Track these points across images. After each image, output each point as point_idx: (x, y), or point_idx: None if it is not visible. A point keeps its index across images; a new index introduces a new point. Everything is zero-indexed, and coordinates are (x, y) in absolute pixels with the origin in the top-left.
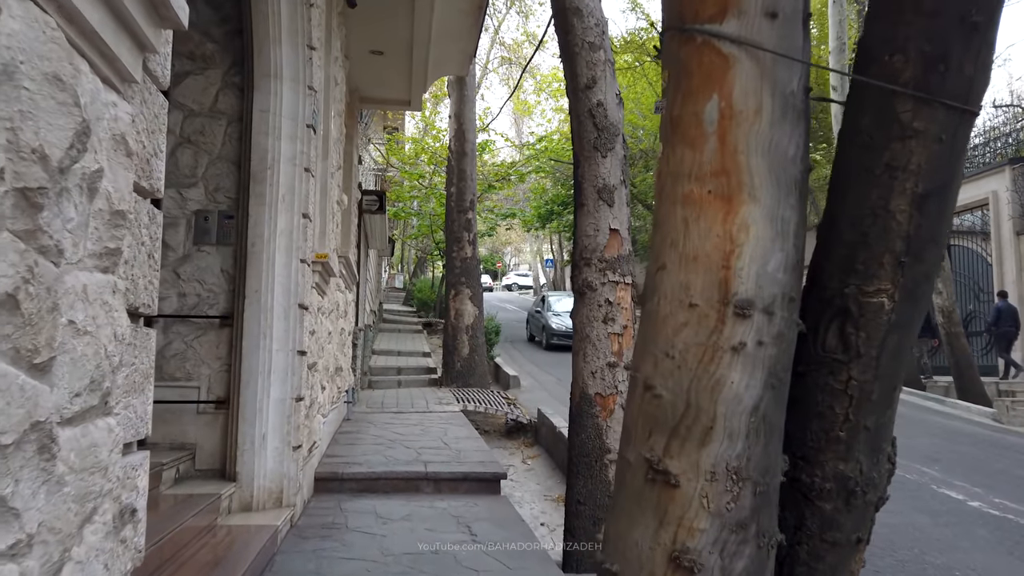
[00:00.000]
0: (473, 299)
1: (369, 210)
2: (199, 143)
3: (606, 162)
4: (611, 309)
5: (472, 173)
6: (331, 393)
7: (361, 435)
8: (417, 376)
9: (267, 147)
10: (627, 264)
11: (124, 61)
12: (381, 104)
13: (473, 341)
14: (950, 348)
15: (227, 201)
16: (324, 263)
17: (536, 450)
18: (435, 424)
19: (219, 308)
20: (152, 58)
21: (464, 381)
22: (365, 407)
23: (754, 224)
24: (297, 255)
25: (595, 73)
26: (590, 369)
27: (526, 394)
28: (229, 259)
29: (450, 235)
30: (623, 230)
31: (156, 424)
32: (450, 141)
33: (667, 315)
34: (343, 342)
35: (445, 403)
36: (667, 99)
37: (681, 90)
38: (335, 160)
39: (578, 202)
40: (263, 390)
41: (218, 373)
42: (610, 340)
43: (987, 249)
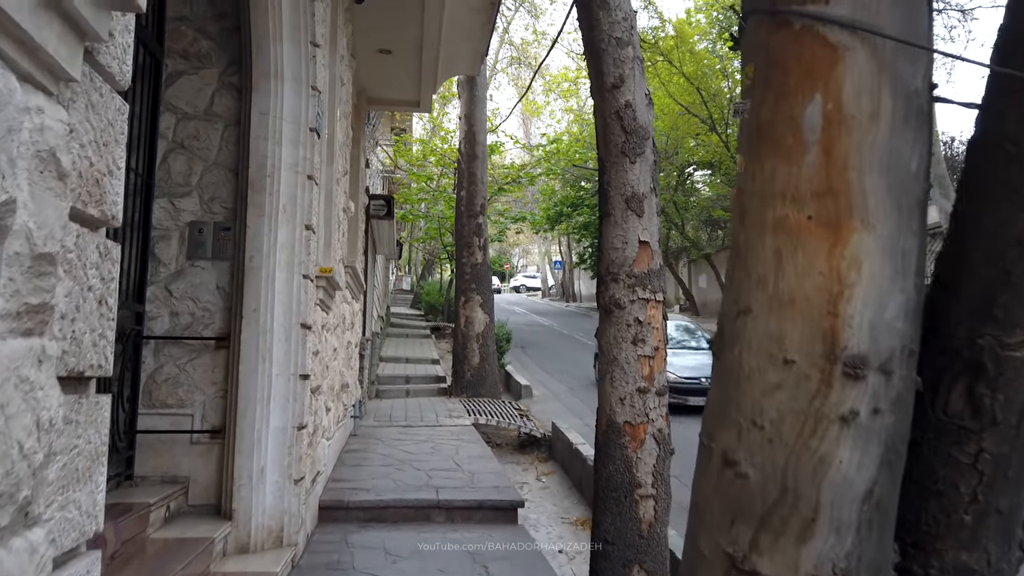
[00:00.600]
0: (484, 306)
1: (377, 215)
2: (193, 149)
3: (635, 168)
4: (641, 329)
5: (483, 176)
6: (336, 413)
7: (368, 454)
8: (426, 385)
9: (267, 153)
10: (658, 280)
11: (53, 52)
12: (389, 105)
13: (484, 350)
14: None
15: (224, 212)
16: (329, 277)
17: (551, 466)
18: (446, 440)
19: (215, 328)
20: (103, 50)
21: (474, 391)
22: (372, 420)
23: (868, 258)
24: (299, 270)
25: (623, 71)
26: (618, 395)
27: (538, 405)
28: (226, 275)
29: (460, 240)
30: (653, 242)
31: (146, 456)
32: (460, 143)
33: (754, 372)
34: (350, 356)
35: (455, 416)
36: (751, 100)
37: (772, 89)
38: (341, 165)
39: (604, 211)
40: (262, 419)
41: (213, 400)
42: (640, 363)
43: None
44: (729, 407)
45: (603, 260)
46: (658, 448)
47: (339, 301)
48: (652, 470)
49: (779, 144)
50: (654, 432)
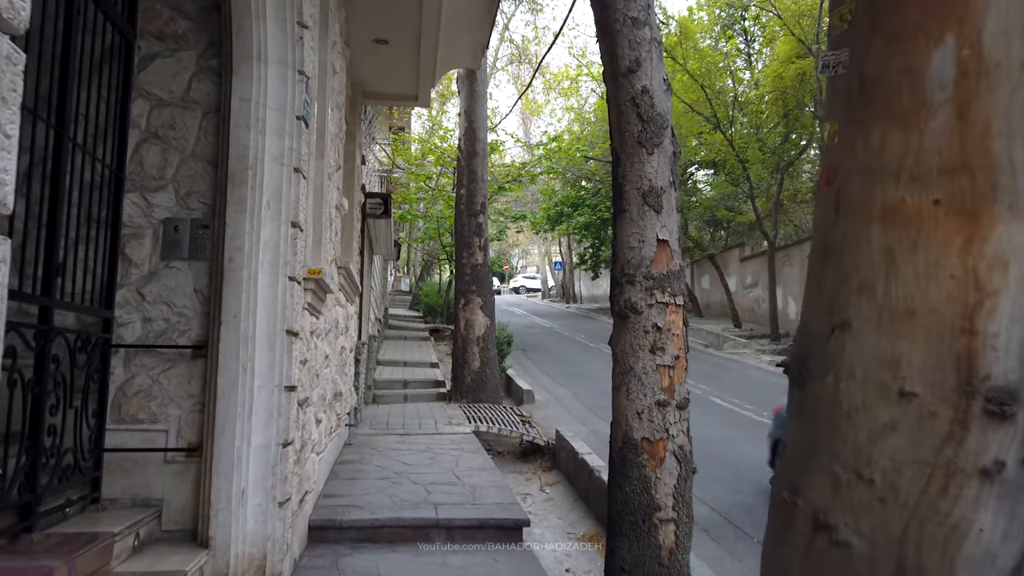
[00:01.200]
0: (484, 308)
1: (373, 214)
2: (168, 138)
3: (652, 160)
4: (660, 336)
5: (483, 174)
6: (329, 424)
7: (363, 465)
8: (424, 390)
9: (248, 143)
10: (678, 281)
11: None
12: (386, 100)
13: (484, 353)
14: None
15: (202, 208)
16: (318, 280)
17: (555, 476)
18: (445, 450)
19: (191, 336)
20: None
21: (474, 396)
22: (369, 428)
23: (1018, 257)
24: (285, 272)
25: (639, 54)
26: (635, 409)
27: (541, 410)
28: (204, 277)
29: (460, 240)
30: (673, 241)
31: (115, 476)
32: (459, 140)
33: (857, 408)
34: (344, 362)
35: (455, 423)
36: (849, 48)
37: (881, 31)
38: (333, 159)
39: (618, 207)
40: (242, 435)
41: (190, 414)
42: (659, 373)
43: None
44: (820, 453)
45: (618, 260)
46: (679, 467)
47: (331, 304)
48: (672, 491)
49: (892, 105)
50: (675, 449)
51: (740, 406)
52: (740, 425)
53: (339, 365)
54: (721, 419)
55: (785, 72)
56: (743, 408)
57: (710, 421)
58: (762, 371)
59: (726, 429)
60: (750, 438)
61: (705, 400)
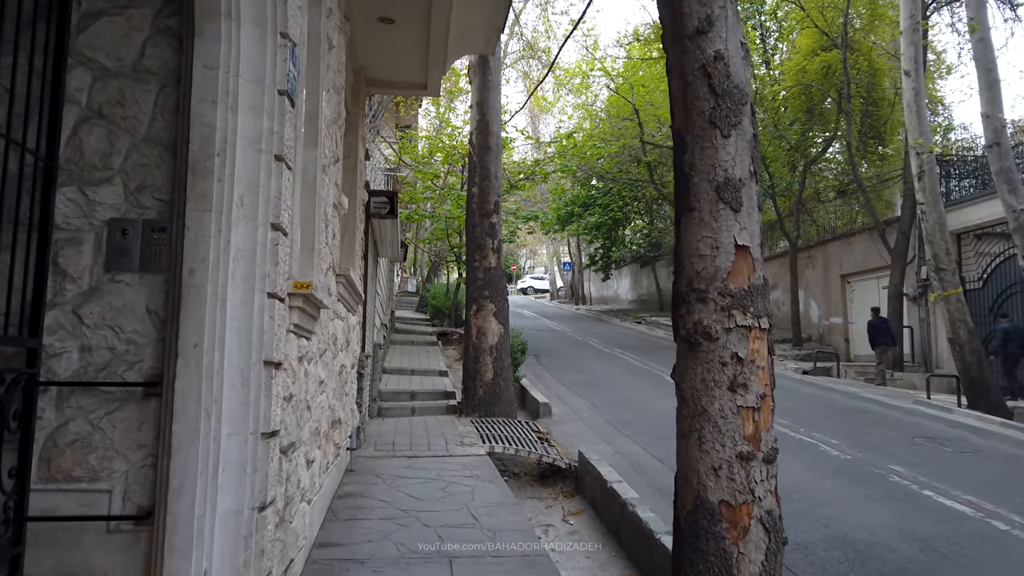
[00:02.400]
0: (498, 315)
1: (378, 214)
2: (116, 118)
3: (729, 144)
4: (741, 369)
5: (496, 171)
6: (325, 460)
7: (366, 500)
8: (433, 402)
9: (215, 122)
10: (762, 299)
11: None
12: (392, 88)
13: (498, 364)
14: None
15: (158, 206)
16: (307, 295)
17: (578, 503)
18: (458, 479)
19: (143, 369)
20: None
21: (487, 409)
22: (373, 450)
23: None
24: (262, 287)
25: (711, 11)
26: (710, 463)
27: (559, 425)
28: (159, 294)
29: (471, 242)
30: (754, 247)
31: (44, 550)
32: (471, 134)
33: None
34: (343, 382)
35: (467, 443)
36: None
37: None
38: (330, 150)
39: (683, 205)
40: (205, 499)
41: (140, 470)
42: (742, 417)
43: None
44: None
45: (683, 272)
46: (767, 538)
47: (325, 321)
48: (760, 570)
49: None
50: (761, 515)
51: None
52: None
53: (338, 387)
54: None
55: (809, 65)
56: (777, 422)
57: None
58: (788, 379)
59: None
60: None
61: None
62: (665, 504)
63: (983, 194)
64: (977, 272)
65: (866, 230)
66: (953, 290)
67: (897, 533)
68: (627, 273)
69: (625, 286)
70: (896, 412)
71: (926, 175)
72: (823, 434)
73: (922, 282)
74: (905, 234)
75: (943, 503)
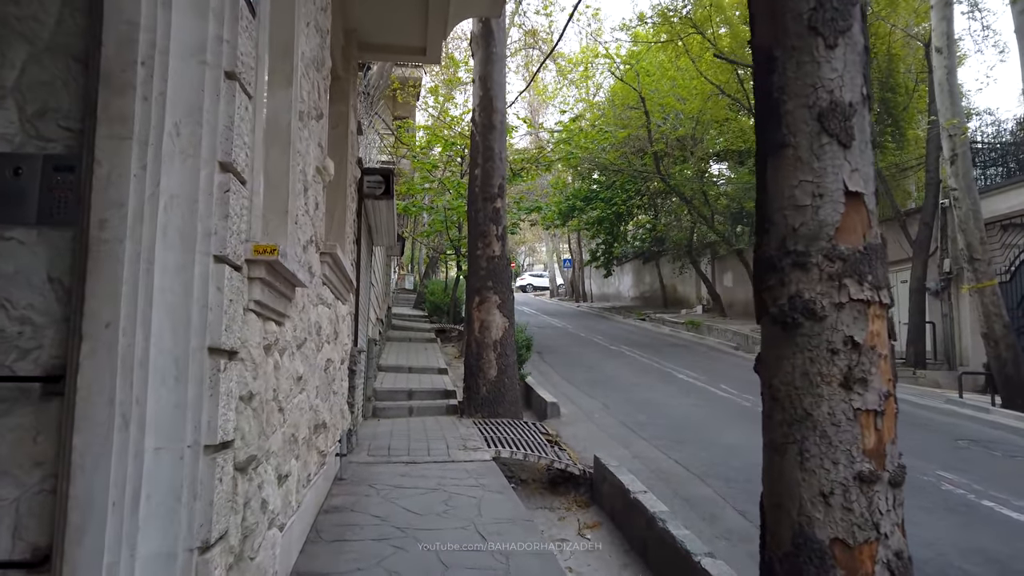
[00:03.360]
0: (502, 308)
1: (372, 194)
2: (8, 20)
3: (835, 57)
4: (858, 359)
5: (501, 151)
6: (305, 472)
7: (356, 516)
8: (432, 401)
9: (138, 18)
10: (882, 265)
11: None
12: (388, 53)
13: (502, 360)
14: None
15: (64, 137)
16: (272, 264)
17: (594, 514)
18: (462, 488)
19: (42, 360)
20: None
21: (491, 410)
22: (366, 455)
23: None
24: (207, 247)
25: None
26: (817, 486)
27: (569, 427)
28: (65, 257)
29: (474, 229)
30: (869, 195)
31: None
32: (473, 111)
33: None
34: (331, 379)
35: (471, 446)
36: None
37: None
38: (309, 95)
39: (771, 141)
40: (120, 539)
41: (36, 496)
42: (859, 424)
43: None
44: None
45: (772, 230)
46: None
47: (305, 305)
48: None
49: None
50: (888, 558)
51: None
52: None
53: (324, 385)
54: None
55: None
56: None
57: None
58: None
59: None
60: None
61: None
62: (697, 518)
63: (1011, 182)
64: (1004, 264)
65: (883, 221)
66: (988, 282)
67: (966, 552)
68: (629, 270)
69: (627, 283)
70: (928, 412)
71: (959, 159)
72: None
73: (944, 275)
74: (928, 224)
75: (1009, 516)
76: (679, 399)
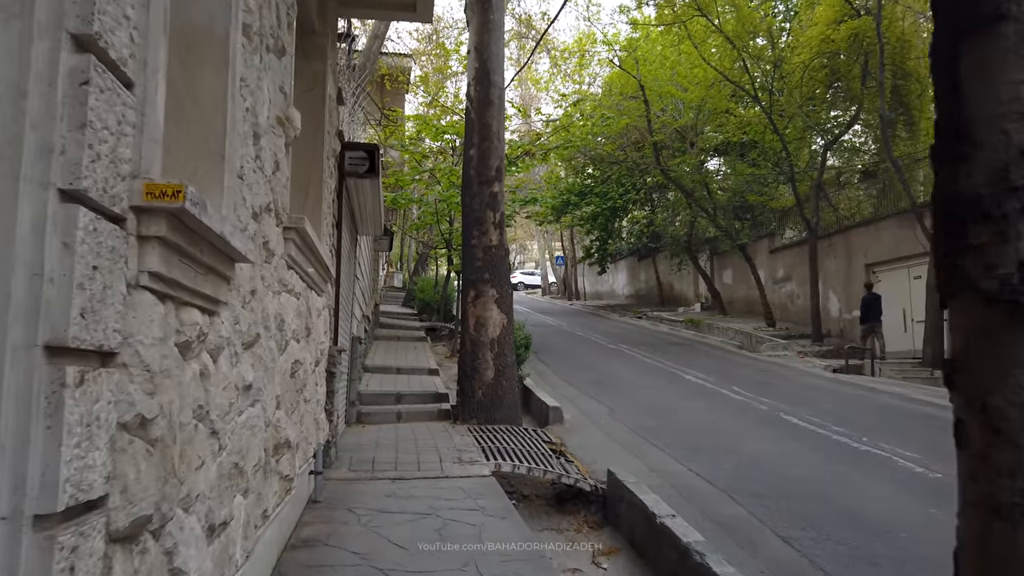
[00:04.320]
0: (500, 302)
1: (355, 172)
2: None
3: None
4: None
5: (499, 130)
6: (253, 512)
7: (331, 553)
8: (423, 405)
9: None
10: None
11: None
12: (372, 8)
13: (500, 360)
14: None
15: None
16: (177, 213)
17: (610, 537)
18: (459, 513)
19: None
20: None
21: (487, 415)
22: (347, 469)
23: None
24: (45, 175)
25: None
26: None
27: (574, 434)
28: None
29: (469, 215)
30: None
31: None
32: (469, 86)
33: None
34: (301, 386)
35: (467, 459)
36: None
37: None
38: (261, 16)
39: (968, 15)
40: None
41: None
42: None
43: None
44: None
45: (977, 152)
46: None
47: (258, 289)
48: None
49: None
50: None
51: (825, 427)
52: (849, 459)
53: (291, 393)
54: (820, 448)
55: (834, 34)
56: (831, 430)
57: (810, 454)
58: (820, 378)
59: (836, 465)
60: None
61: (777, 419)
62: (734, 546)
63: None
64: None
65: (897, 214)
66: None
67: None
68: (623, 267)
69: (621, 280)
70: None
71: None
72: (893, 445)
73: None
74: None
75: None
76: (689, 402)
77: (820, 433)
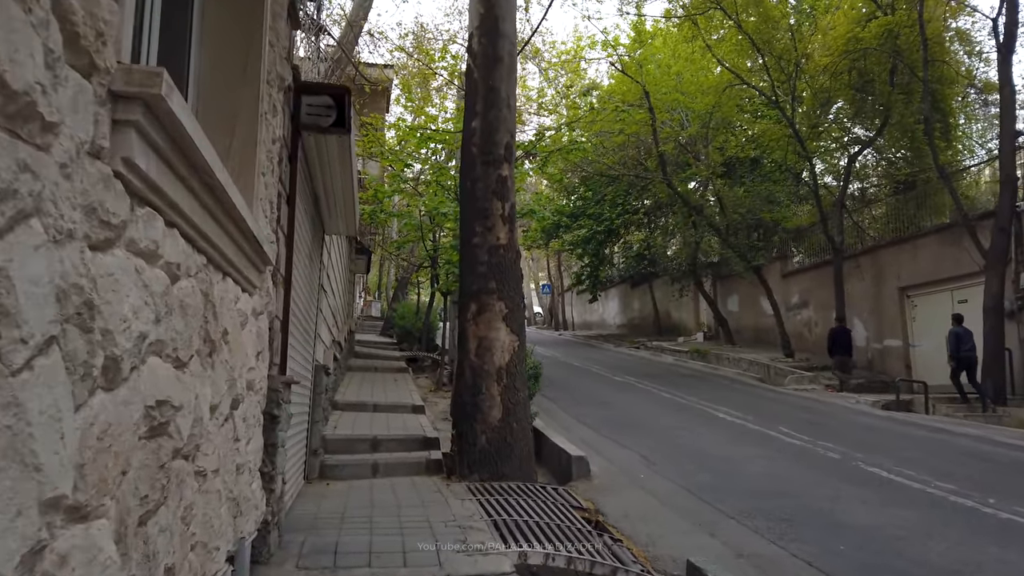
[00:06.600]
0: (510, 319)
1: (316, 125)
2: None
3: None
4: None
5: (510, 96)
6: None
7: None
8: (406, 454)
9: None
10: None
11: None
12: None
13: (509, 396)
14: None
15: None
16: None
17: None
18: None
19: None
20: None
21: (493, 469)
22: (294, 565)
23: None
24: None
25: None
26: None
27: (609, 495)
28: None
29: (470, 206)
30: None
31: None
32: (470, 39)
33: None
34: (186, 452)
35: (474, 540)
36: None
37: None
38: None
39: None
40: None
41: None
42: None
43: None
44: None
45: None
46: None
47: None
48: None
49: None
50: None
51: (928, 483)
52: (995, 534)
53: (147, 475)
54: (948, 518)
55: (862, 33)
56: (940, 488)
57: (943, 528)
58: (872, 416)
59: (988, 545)
60: None
61: (860, 471)
62: None
63: None
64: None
65: (940, 230)
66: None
67: None
68: (615, 295)
69: (613, 309)
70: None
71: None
72: (1014, 504)
73: (1021, 292)
74: (1005, 231)
75: None
76: (739, 448)
77: (930, 493)
